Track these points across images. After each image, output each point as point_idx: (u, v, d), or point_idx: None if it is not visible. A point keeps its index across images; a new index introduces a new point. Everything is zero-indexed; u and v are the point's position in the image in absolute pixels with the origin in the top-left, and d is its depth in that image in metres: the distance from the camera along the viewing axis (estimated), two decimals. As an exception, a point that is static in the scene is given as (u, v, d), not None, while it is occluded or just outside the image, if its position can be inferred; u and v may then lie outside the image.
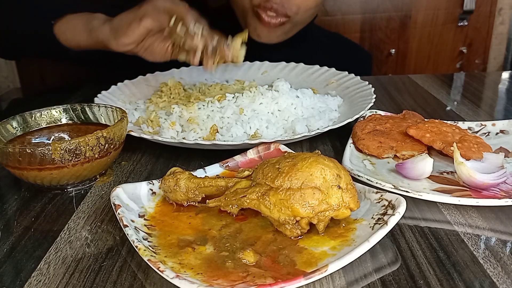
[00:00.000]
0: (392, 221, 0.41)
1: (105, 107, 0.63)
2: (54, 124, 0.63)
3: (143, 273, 0.41)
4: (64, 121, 0.64)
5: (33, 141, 0.60)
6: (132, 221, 0.45)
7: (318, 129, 0.65)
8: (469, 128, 0.66)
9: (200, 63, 0.91)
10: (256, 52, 0.88)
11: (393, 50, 1.53)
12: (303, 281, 0.36)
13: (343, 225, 0.44)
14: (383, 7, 1.48)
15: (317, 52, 1.05)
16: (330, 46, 1.11)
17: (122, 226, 0.43)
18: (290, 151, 0.57)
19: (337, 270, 0.39)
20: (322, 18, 1.46)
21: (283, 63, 0.95)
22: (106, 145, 0.54)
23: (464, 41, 1.54)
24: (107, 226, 0.48)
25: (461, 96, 0.91)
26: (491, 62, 1.58)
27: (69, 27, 0.76)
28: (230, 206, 0.45)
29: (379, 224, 0.42)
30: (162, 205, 0.50)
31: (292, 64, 0.94)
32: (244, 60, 0.93)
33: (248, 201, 0.44)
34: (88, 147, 0.52)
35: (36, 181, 0.54)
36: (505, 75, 1.07)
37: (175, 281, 0.36)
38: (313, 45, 1.05)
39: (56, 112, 0.63)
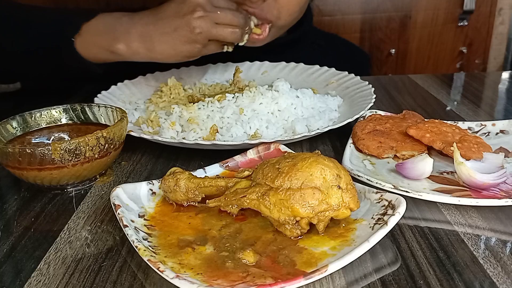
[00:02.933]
0: (392, 221, 0.41)
1: (105, 107, 0.63)
2: (54, 124, 0.63)
3: (143, 273, 0.41)
4: (64, 121, 0.64)
5: (33, 141, 0.60)
6: (132, 221, 0.45)
7: (318, 129, 0.65)
8: (469, 128, 0.66)
9: (198, 64, 0.92)
10: (254, 53, 0.88)
11: (393, 50, 1.53)
12: (303, 281, 0.36)
13: (343, 225, 0.44)
14: (383, 7, 1.48)
15: (315, 54, 1.05)
16: (328, 48, 1.11)
17: (122, 226, 0.43)
18: (290, 151, 0.57)
19: (337, 270, 0.39)
20: (322, 18, 1.46)
21: (283, 63, 0.95)
22: (106, 145, 0.54)
23: (464, 41, 1.54)
24: (107, 226, 0.48)
25: (461, 96, 0.91)
26: (491, 62, 1.58)
27: (90, 41, 0.74)
28: (230, 206, 0.45)
29: (379, 224, 0.42)
30: (162, 205, 0.50)
31: (292, 64, 0.94)
32: (244, 60, 0.94)
33: (248, 201, 0.44)
34: (88, 147, 0.52)
35: (36, 181, 0.54)
36: (505, 75, 1.07)
37: (175, 281, 0.36)
38: (310, 47, 1.05)
39: (56, 112, 0.63)
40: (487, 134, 0.64)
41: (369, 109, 0.69)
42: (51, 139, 0.61)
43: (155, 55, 0.73)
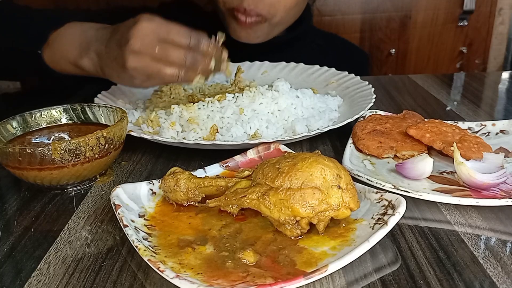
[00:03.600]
0: (392, 221, 0.41)
1: (105, 107, 0.63)
2: (54, 124, 0.63)
3: (143, 273, 0.41)
4: (64, 121, 0.64)
5: (33, 141, 0.60)
6: (132, 221, 0.45)
7: (318, 129, 0.65)
8: (469, 128, 0.66)
9: None
10: (254, 53, 0.88)
11: (393, 50, 1.53)
12: (303, 281, 0.36)
13: (343, 225, 0.44)
14: (383, 7, 1.48)
15: (314, 53, 1.05)
16: (328, 48, 1.11)
17: (122, 226, 0.43)
18: (290, 151, 0.57)
19: (337, 270, 0.39)
20: (322, 18, 1.46)
21: (283, 63, 0.95)
22: (106, 145, 0.54)
23: (464, 41, 1.54)
24: (107, 226, 0.48)
25: (461, 96, 0.91)
26: (491, 62, 1.58)
27: (58, 51, 0.70)
28: (230, 206, 0.45)
29: (379, 224, 0.42)
30: (162, 205, 0.50)
31: (292, 64, 0.94)
32: (244, 60, 0.94)
33: (248, 201, 0.44)
34: (88, 147, 0.52)
35: (36, 181, 0.54)
36: (505, 75, 1.07)
37: (175, 281, 0.36)
38: (310, 47, 1.05)
39: (56, 112, 0.63)
40: (487, 134, 0.64)
41: (369, 109, 0.69)
42: (51, 139, 0.61)
43: (109, 78, 0.68)
